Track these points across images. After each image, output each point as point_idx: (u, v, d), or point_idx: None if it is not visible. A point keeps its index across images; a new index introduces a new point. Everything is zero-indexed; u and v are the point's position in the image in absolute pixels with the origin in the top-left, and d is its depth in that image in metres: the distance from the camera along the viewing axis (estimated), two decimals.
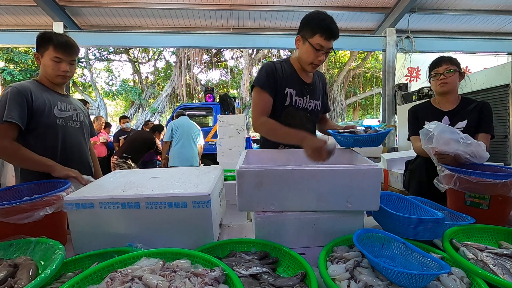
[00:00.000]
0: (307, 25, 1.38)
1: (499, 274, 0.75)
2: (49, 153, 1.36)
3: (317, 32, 1.34)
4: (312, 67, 1.44)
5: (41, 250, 0.83)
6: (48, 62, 1.37)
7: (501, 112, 3.49)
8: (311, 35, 1.36)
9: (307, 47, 1.38)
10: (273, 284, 0.74)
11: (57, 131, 1.40)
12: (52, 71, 1.38)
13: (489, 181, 1.04)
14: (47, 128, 1.37)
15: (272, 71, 1.44)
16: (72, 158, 1.45)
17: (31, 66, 13.44)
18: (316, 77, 1.59)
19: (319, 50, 1.36)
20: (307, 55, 1.40)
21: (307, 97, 1.52)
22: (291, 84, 1.47)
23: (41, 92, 1.37)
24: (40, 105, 1.34)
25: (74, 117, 1.49)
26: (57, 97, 1.44)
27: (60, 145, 1.41)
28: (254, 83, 1.46)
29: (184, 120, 4.41)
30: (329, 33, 1.33)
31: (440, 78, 1.63)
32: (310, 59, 1.40)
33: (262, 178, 0.94)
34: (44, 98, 1.37)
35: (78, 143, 1.50)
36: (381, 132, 1.26)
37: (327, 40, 1.34)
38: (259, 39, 6.46)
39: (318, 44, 1.35)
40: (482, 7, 6.02)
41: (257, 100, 1.44)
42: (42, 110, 1.34)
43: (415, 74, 6.85)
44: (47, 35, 1.38)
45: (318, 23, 1.34)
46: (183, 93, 15.01)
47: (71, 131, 1.47)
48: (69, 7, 5.85)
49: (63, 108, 1.44)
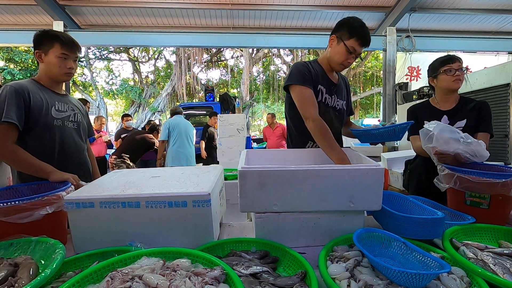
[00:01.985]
0: (346, 27, 1.41)
1: (499, 274, 0.75)
2: (46, 154, 1.34)
3: (354, 35, 1.38)
4: (341, 68, 1.50)
5: (41, 249, 0.83)
6: (53, 59, 1.36)
7: (501, 112, 3.49)
8: (348, 37, 1.40)
9: (341, 48, 1.42)
10: (273, 284, 0.74)
11: (55, 132, 1.38)
12: (59, 68, 1.37)
13: (489, 181, 1.04)
14: (44, 129, 1.34)
15: (307, 68, 1.47)
16: (70, 160, 1.44)
17: (31, 66, 13.43)
18: (340, 79, 1.64)
19: (351, 53, 1.41)
20: (340, 55, 1.44)
21: (335, 96, 1.56)
22: (321, 82, 1.50)
23: (39, 92, 1.35)
24: (37, 105, 1.31)
25: (71, 118, 1.48)
26: (55, 97, 1.42)
27: (57, 146, 1.39)
28: (292, 81, 1.45)
29: (179, 119, 4.35)
30: (364, 40, 1.40)
31: (455, 74, 1.61)
32: (341, 60, 1.44)
33: (264, 179, 0.94)
34: (42, 98, 1.34)
35: (75, 144, 1.49)
36: (398, 124, 1.29)
37: (360, 46, 1.41)
38: (259, 39, 6.44)
39: (352, 47, 1.40)
40: (482, 6, 6.01)
41: (304, 94, 1.42)
42: (39, 110, 1.32)
43: (416, 73, 6.84)
44: (52, 33, 1.37)
45: (356, 28, 1.39)
46: (183, 93, 15.00)
47: (69, 132, 1.45)
48: (69, 6, 5.84)
49: (61, 108, 1.42)
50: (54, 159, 1.37)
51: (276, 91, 17.10)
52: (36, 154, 1.28)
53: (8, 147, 1.24)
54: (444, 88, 1.67)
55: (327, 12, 6.13)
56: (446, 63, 1.63)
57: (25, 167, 1.28)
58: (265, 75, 18.37)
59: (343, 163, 1.20)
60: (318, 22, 6.48)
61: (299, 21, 6.43)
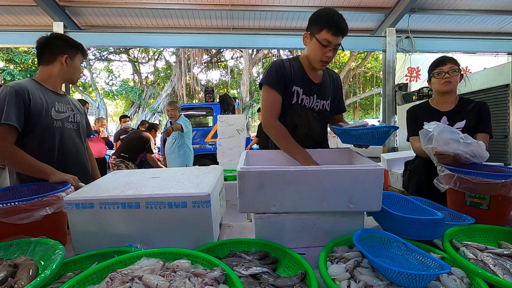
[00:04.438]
0: (315, 21, 1.35)
1: (499, 274, 0.75)
2: (46, 155, 1.34)
3: (324, 27, 1.30)
4: (321, 65, 1.40)
5: (41, 250, 0.83)
6: (78, 65, 1.51)
7: (501, 112, 3.49)
8: (318, 31, 1.32)
9: (314, 43, 1.35)
10: (273, 284, 0.74)
11: (54, 133, 1.39)
12: (78, 73, 1.52)
13: (489, 181, 1.04)
14: (44, 130, 1.35)
15: (281, 68, 1.42)
16: (69, 161, 1.45)
17: (31, 66, 13.43)
18: (326, 77, 1.55)
19: (326, 46, 1.33)
20: (314, 51, 1.37)
21: (314, 97, 1.49)
22: (298, 83, 1.45)
23: (39, 92, 1.36)
24: (37, 106, 1.32)
25: (70, 118, 1.49)
26: (54, 97, 1.43)
27: (57, 148, 1.40)
28: (263, 80, 1.44)
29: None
30: (336, 28, 1.30)
31: (444, 77, 1.62)
32: (318, 56, 1.37)
33: (264, 179, 0.94)
34: (42, 98, 1.35)
35: (75, 145, 1.50)
36: (379, 126, 1.17)
37: (334, 36, 1.31)
38: (259, 39, 6.45)
39: (325, 39, 1.31)
40: (482, 7, 6.02)
41: (267, 99, 1.42)
42: (39, 112, 1.33)
43: (415, 74, 6.85)
44: (76, 43, 1.52)
45: (325, 18, 1.31)
46: (183, 93, 14.99)
47: (68, 133, 1.46)
48: (69, 7, 5.84)
49: (60, 109, 1.44)
50: (54, 160, 1.37)
51: None
52: (35, 155, 1.29)
53: (8, 147, 1.24)
54: (436, 90, 1.70)
55: None
56: (437, 66, 1.65)
57: (25, 168, 1.28)
58: None
59: (308, 162, 1.20)
60: None
61: (298, 22, 6.43)
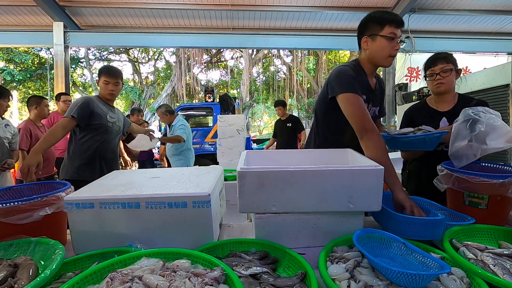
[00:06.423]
0: (372, 22, 1.36)
1: (499, 274, 0.75)
2: (97, 143, 2.04)
3: (385, 23, 1.32)
4: (390, 60, 1.39)
5: (41, 250, 0.83)
6: (101, 84, 2.11)
7: (501, 112, 3.46)
8: (380, 29, 1.33)
9: (380, 42, 1.34)
10: (273, 284, 0.74)
11: (107, 129, 2.10)
12: (103, 90, 2.12)
13: (487, 181, 1.03)
14: (101, 127, 2.05)
15: (356, 75, 1.38)
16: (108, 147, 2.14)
17: (31, 67, 13.44)
18: (377, 83, 1.54)
19: (393, 39, 1.33)
20: (382, 48, 1.35)
21: (370, 104, 1.49)
22: (364, 90, 1.41)
23: (99, 104, 2.08)
24: (98, 111, 2.03)
25: (116, 123, 2.21)
26: (108, 108, 2.16)
27: (105, 139, 2.11)
28: (344, 89, 1.33)
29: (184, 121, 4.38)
30: (397, 21, 1.33)
31: (436, 79, 1.58)
32: (387, 52, 1.35)
33: (264, 179, 0.93)
34: (101, 108, 2.08)
35: (114, 140, 2.22)
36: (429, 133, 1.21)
37: (397, 28, 1.33)
38: (259, 39, 6.46)
39: (391, 33, 1.32)
40: (482, 7, 6.02)
41: (357, 103, 1.31)
42: (99, 115, 2.04)
43: (415, 74, 6.86)
44: (101, 68, 2.17)
45: (382, 16, 1.33)
46: (183, 93, 14.98)
47: (113, 132, 2.17)
48: (69, 7, 5.84)
49: (112, 116, 2.16)
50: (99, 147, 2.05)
51: (276, 91, 17.08)
52: (92, 141, 2.02)
53: (57, 128, 1.88)
54: (431, 91, 1.67)
55: (326, 13, 6.13)
56: (428, 67, 1.62)
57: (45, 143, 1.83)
58: (265, 76, 18.35)
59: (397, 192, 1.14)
60: (318, 23, 6.47)
61: (298, 22, 6.43)
